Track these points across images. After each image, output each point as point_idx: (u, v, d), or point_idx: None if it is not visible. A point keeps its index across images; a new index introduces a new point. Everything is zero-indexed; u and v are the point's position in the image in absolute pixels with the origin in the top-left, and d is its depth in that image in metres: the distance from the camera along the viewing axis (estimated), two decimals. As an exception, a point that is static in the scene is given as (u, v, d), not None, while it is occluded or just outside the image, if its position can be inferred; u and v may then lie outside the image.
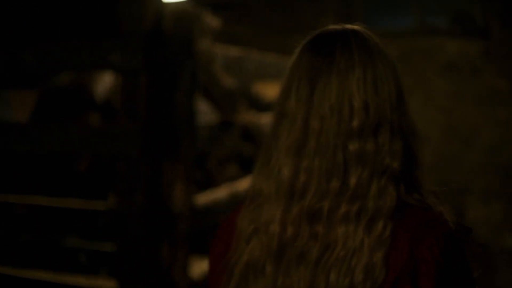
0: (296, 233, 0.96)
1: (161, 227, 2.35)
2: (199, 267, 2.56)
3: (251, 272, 1.01)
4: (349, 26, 1.06)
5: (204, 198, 2.68)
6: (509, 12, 6.16)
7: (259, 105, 5.18)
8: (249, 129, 3.07)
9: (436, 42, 6.39)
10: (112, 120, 3.07)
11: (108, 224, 2.63)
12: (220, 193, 2.85)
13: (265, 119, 3.43)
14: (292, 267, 0.97)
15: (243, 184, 3.26)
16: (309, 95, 0.96)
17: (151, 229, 2.35)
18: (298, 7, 6.96)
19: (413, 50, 6.51)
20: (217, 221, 2.82)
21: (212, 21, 2.50)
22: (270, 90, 5.80)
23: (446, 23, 6.85)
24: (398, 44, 6.61)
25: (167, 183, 2.36)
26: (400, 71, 1.01)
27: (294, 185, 0.96)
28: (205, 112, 3.10)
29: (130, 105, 2.32)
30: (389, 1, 7.06)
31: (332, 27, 1.05)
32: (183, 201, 2.42)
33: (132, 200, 2.34)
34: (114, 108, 3.21)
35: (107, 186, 2.77)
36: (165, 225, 2.36)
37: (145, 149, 2.33)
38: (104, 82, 4.96)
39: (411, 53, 6.52)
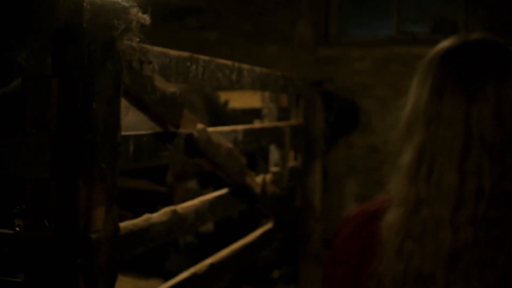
0: (473, 239, 0.94)
1: (76, 258, 1.99)
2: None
3: (413, 281, 0.98)
4: (481, 34, 1.11)
5: (134, 222, 2.33)
6: (493, 17, 5.88)
7: (226, 116, 4.84)
8: (197, 141, 2.73)
9: (416, 50, 6.07)
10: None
11: (14, 253, 2.27)
12: (156, 217, 2.49)
13: (222, 129, 3.10)
14: (473, 274, 0.93)
15: (194, 202, 2.92)
16: (466, 101, 1.00)
17: (63, 260, 1.99)
18: (270, 13, 6.65)
19: (392, 59, 6.22)
20: (153, 247, 2.49)
21: (143, 17, 2.16)
22: (238, 100, 5.47)
23: (426, 30, 6.57)
24: (376, 53, 6.32)
25: (83, 207, 2.00)
26: None
27: (463, 189, 0.97)
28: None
29: (38, 116, 1.97)
30: (367, 7, 6.74)
31: (466, 36, 1.11)
32: (104, 227, 2.07)
33: (41, 226, 1.99)
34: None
35: (12, 209, 2.40)
36: (81, 255, 2.00)
37: (56, 166, 1.97)
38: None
39: (390, 61, 6.22)
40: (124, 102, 2.28)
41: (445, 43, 1.12)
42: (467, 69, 1.04)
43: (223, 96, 5.15)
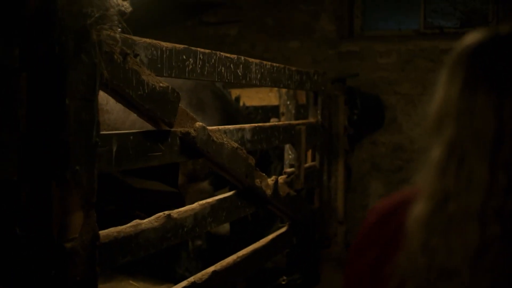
0: (500, 233, 0.96)
1: (50, 270, 1.81)
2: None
3: (438, 276, 0.99)
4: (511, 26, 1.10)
5: (118, 229, 2.14)
6: (525, 9, 5.58)
7: (238, 114, 4.63)
8: (195, 140, 2.54)
9: (443, 44, 5.79)
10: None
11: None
12: (147, 223, 2.30)
13: (226, 128, 2.90)
14: (499, 268, 0.95)
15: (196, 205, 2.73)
16: (499, 95, 1.01)
17: (36, 272, 1.81)
18: (292, 7, 6.41)
19: (418, 53, 5.94)
20: (142, 257, 2.29)
21: (123, 4, 1.96)
22: (255, 98, 5.26)
23: (454, 24, 6.27)
24: (402, 47, 6.04)
25: (57, 213, 1.82)
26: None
27: (493, 184, 0.98)
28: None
29: (6, 113, 1.80)
30: (392, 0, 6.45)
31: (496, 29, 1.09)
32: (81, 235, 1.88)
33: (10, 235, 1.82)
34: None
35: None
36: (55, 266, 1.82)
37: (26, 168, 1.80)
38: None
39: (416, 56, 5.94)
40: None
41: (474, 36, 1.11)
42: (500, 63, 1.05)
43: (238, 93, 4.95)
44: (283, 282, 4.08)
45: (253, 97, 5.02)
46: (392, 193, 1.28)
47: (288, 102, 4.64)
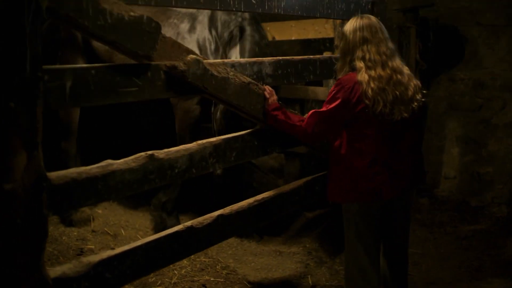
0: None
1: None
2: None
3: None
4: None
5: (80, 170, 2.00)
6: None
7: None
8: (185, 74, 2.33)
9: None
10: None
11: None
12: (121, 163, 2.15)
13: (234, 61, 2.66)
14: None
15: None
16: None
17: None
18: None
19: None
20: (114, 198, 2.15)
21: None
22: (311, 29, 4.90)
23: None
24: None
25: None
26: None
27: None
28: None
29: None
30: None
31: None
32: (22, 176, 1.77)
33: None
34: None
35: None
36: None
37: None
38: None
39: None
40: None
41: None
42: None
43: (293, 25, 4.63)
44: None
45: (308, 29, 4.68)
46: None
47: (343, 34, 4.25)
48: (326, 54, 4.41)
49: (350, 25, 2.75)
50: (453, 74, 5.55)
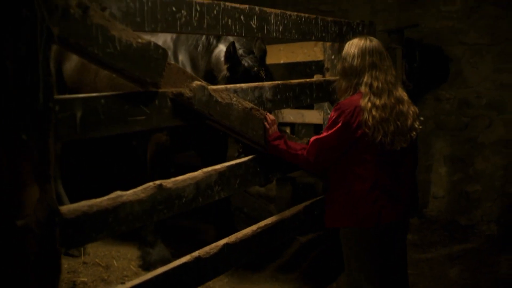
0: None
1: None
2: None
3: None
4: None
5: (91, 203, 1.93)
6: None
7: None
8: (191, 101, 2.29)
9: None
10: None
11: None
12: (131, 195, 2.08)
13: (236, 87, 2.62)
14: None
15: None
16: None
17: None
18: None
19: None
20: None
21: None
22: (300, 53, 4.90)
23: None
24: None
25: (4, 186, 1.63)
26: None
27: None
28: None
29: None
30: None
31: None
32: (35, 210, 1.69)
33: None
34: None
35: None
36: (5, 245, 1.64)
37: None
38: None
39: (484, 2, 5.35)
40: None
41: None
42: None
43: (282, 48, 4.62)
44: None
45: (297, 52, 4.68)
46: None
47: (333, 57, 4.26)
48: (316, 77, 4.41)
49: (357, 47, 2.72)
50: (439, 93, 5.59)
